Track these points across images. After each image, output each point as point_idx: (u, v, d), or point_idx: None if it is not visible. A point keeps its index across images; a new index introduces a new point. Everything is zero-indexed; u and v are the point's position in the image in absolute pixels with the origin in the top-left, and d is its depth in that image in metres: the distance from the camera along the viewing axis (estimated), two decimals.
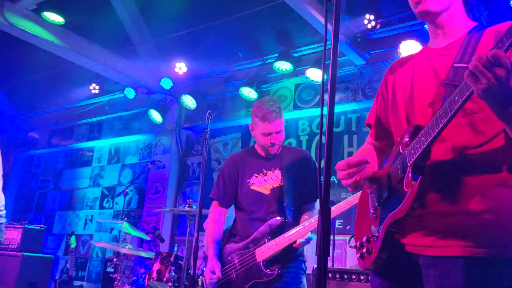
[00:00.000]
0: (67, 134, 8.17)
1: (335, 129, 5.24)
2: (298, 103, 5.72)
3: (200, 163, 6.72)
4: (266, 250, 2.65)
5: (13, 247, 5.22)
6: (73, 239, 6.44)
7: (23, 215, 8.37)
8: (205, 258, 4.40)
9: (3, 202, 2.86)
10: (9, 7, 5.22)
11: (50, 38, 5.60)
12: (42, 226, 6.03)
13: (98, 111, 7.62)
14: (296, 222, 2.74)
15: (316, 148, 5.66)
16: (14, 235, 5.29)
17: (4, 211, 2.88)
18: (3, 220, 2.86)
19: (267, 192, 2.83)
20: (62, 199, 8.10)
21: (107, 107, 7.50)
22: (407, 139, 1.53)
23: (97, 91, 6.95)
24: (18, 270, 4.95)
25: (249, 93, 5.83)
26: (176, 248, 6.07)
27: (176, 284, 3.89)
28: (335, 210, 2.49)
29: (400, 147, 1.57)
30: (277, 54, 5.55)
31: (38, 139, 8.61)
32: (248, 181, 2.90)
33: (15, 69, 7.47)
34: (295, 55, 5.59)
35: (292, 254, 2.73)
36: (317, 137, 5.71)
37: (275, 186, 2.82)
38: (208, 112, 3.53)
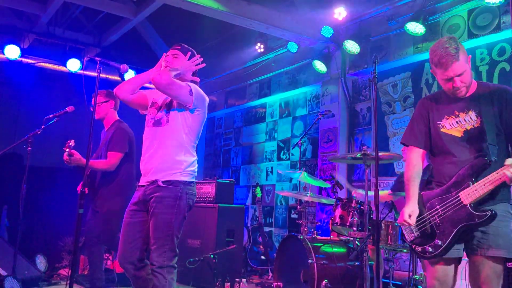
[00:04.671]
0: (240, 94, 8.76)
1: None
2: (473, 30, 5.17)
3: (370, 108, 6.61)
4: (473, 192, 2.47)
5: (209, 199, 5.91)
6: (258, 190, 7.04)
7: (213, 170, 9.38)
8: (386, 203, 4.41)
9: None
10: None
11: (215, 5, 5.95)
12: (231, 180, 6.66)
13: (266, 69, 7.96)
14: (501, 162, 2.47)
15: (499, 77, 5.10)
16: (209, 189, 5.98)
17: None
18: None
19: (459, 134, 2.63)
20: (244, 154, 8.82)
21: (273, 64, 7.79)
22: None
23: (262, 50, 7.26)
24: (216, 219, 5.61)
25: (415, 28, 5.46)
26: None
27: (360, 228, 3.99)
28: None
29: None
30: None
31: (216, 102, 9.40)
32: (438, 123, 2.71)
33: (190, 40, 8.13)
34: None
35: (496, 195, 2.50)
36: (500, 65, 5.13)
37: (468, 128, 2.61)
38: (374, 55, 3.45)
